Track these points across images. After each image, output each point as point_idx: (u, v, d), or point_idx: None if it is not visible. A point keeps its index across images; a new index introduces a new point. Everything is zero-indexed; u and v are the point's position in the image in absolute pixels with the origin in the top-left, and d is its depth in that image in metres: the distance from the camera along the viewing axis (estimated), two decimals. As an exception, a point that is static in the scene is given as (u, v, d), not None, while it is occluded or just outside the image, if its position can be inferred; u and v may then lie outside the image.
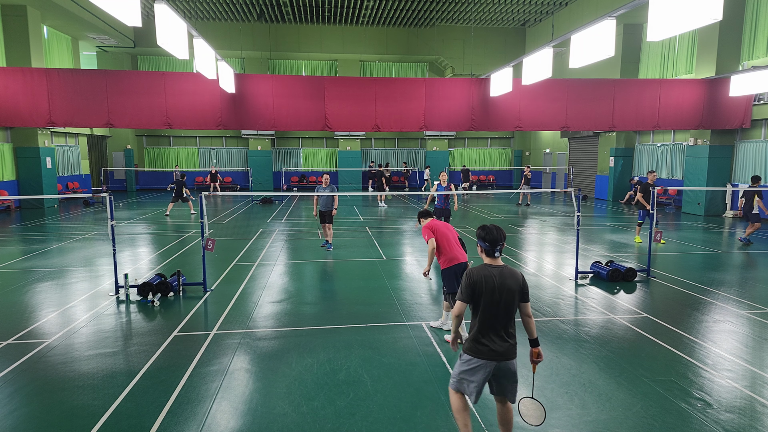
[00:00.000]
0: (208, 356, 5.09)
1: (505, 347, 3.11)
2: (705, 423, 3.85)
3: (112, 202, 7.16)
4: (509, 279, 3.12)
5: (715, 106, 15.85)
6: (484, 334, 3.13)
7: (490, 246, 3.18)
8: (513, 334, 3.16)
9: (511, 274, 3.15)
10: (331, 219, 10.58)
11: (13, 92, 14.16)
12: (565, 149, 26.39)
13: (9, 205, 17.96)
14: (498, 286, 3.09)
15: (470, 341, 3.19)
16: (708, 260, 9.82)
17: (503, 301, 3.10)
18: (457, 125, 15.99)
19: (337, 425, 3.81)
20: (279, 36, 26.16)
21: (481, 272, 3.15)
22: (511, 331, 3.15)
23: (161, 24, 8.70)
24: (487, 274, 3.13)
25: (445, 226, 5.81)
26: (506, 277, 3.13)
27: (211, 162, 29.31)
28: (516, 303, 3.14)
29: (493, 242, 3.17)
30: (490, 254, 3.20)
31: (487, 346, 3.10)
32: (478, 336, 3.15)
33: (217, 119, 15.00)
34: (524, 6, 23.16)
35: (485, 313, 3.13)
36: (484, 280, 3.11)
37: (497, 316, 3.11)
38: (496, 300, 3.09)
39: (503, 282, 3.10)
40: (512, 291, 3.11)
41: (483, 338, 3.13)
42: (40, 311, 6.54)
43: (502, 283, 3.10)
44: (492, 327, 3.12)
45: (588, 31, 9.71)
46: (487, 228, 3.23)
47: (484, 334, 3.13)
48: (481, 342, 3.13)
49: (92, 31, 21.67)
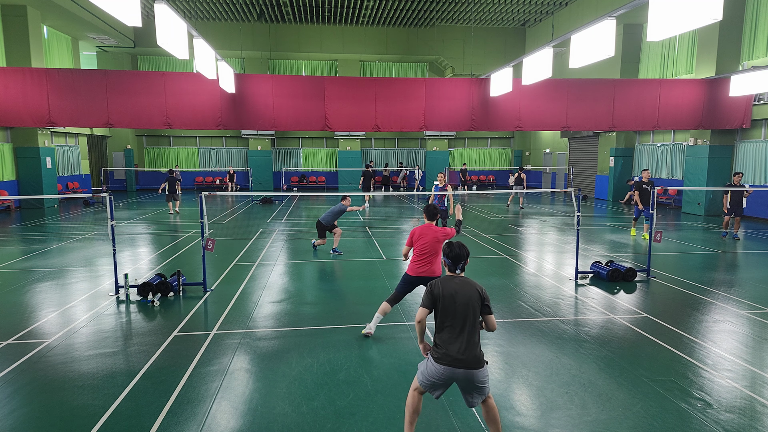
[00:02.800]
0: (208, 356, 5.09)
1: (464, 356, 3.17)
2: (705, 423, 3.85)
3: (112, 202, 7.16)
4: (468, 290, 3.28)
5: (715, 106, 15.85)
6: (443, 340, 3.25)
7: (452, 263, 3.40)
8: (475, 343, 3.22)
9: (470, 286, 3.31)
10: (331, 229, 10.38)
11: (13, 92, 14.16)
12: (565, 149, 26.40)
13: (9, 205, 17.96)
14: (457, 295, 3.25)
15: (433, 346, 3.34)
16: (708, 260, 9.82)
17: (461, 310, 3.23)
18: (457, 125, 15.99)
19: (337, 425, 3.81)
20: (279, 36, 26.17)
21: (442, 282, 3.34)
22: (473, 341, 3.22)
23: (161, 24, 8.70)
24: (447, 284, 3.31)
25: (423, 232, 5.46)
26: (465, 287, 3.29)
27: (221, 163, 29.39)
28: (476, 313, 3.26)
29: (455, 259, 3.39)
30: (452, 270, 3.41)
31: (447, 353, 3.20)
32: (438, 342, 3.29)
33: (217, 119, 15.00)
34: (524, 6, 23.17)
35: (442, 321, 3.27)
36: (443, 289, 3.29)
37: (455, 325, 3.23)
38: (454, 308, 3.24)
39: (462, 292, 3.26)
40: (471, 300, 3.24)
41: (442, 345, 3.24)
42: (40, 311, 6.54)
43: (461, 292, 3.26)
44: (450, 335, 3.23)
45: (588, 31, 9.71)
46: (452, 245, 3.45)
47: (443, 340, 3.25)
48: (441, 348, 3.24)
49: (92, 31, 21.67)
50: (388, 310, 5.57)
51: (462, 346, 3.18)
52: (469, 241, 11.66)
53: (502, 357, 5.11)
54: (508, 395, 4.30)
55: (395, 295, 5.57)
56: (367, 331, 5.59)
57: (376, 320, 5.60)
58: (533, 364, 4.91)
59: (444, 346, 3.22)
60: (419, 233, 5.48)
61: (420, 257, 5.44)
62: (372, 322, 5.62)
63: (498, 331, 5.83)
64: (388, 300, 5.57)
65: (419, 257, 5.44)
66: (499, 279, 8.25)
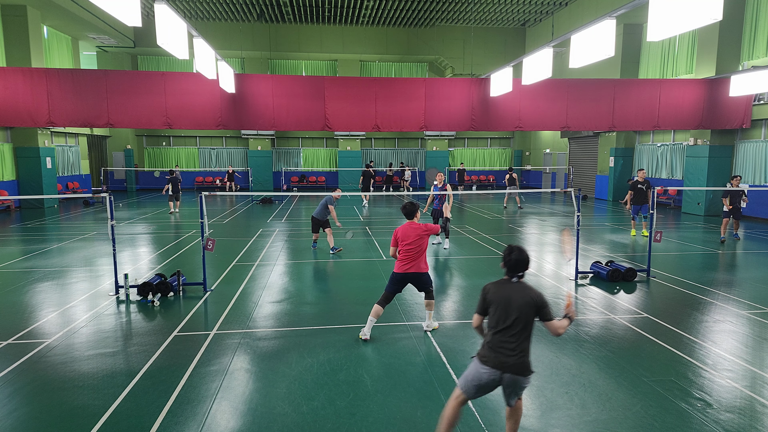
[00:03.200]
0: (208, 356, 5.09)
1: (511, 361, 3.11)
2: (705, 423, 3.85)
3: (112, 202, 7.16)
4: (522, 296, 3.16)
5: (715, 106, 15.84)
6: (492, 344, 3.19)
7: (510, 269, 3.25)
8: (523, 350, 3.15)
9: (525, 292, 3.19)
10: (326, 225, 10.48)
11: (13, 92, 14.16)
12: (565, 149, 26.39)
13: (9, 205, 17.96)
14: (510, 300, 3.15)
15: (481, 348, 3.26)
16: (708, 260, 9.82)
17: (513, 317, 3.13)
18: (457, 125, 15.99)
19: (337, 425, 3.81)
20: (279, 36, 26.17)
21: (496, 286, 3.26)
22: (523, 347, 3.15)
23: (161, 24, 8.70)
24: (500, 289, 3.22)
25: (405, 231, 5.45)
26: (519, 293, 3.17)
27: (221, 162, 29.36)
28: (529, 320, 3.15)
29: (513, 266, 3.23)
30: (509, 275, 3.27)
31: (495, 356, 3.15)
32: (486, 344, 3.22)
33: (217, 119, 15.00)
34: (524, 6, 23.16)
35: (494, 325, 3.19)
36: (496, 294, 3.21)
37: (504, 329, 3.15)
38: (506, 315, 3.15)
39: (516, 298, 3.15)
40: (524, 307, 3.13)
41: (491, 348, 3.18)
42: (40, 311, 6.54)
43: (515, 298, 3.15)
44: (498, 339, 3.16)
45: (588, 31, 9.71)
46: (512, 250, 3.25)
47: (492, 344, 3.19)
48: (488, 351, 3.19)
49: (92, 31, 21.67)
50: (380, 312, 5.55)
51: (511, 352, 3.11)
52: (470, 241, 11.66)
53: (502, 357, 5.10)
54: (508, 395, 4.30)
55: (385, 296, 5.54)
56: (364, 336, 5.53)
57: (371, 324, 5.55)
58: (533, 364, 4.89)
59: (492, 350, 3.16)
60: (402, 232, 5.48)
61: (406, 255, 5.44)
62: (366, 326, 5.57)
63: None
64: (379, 302, 5.53)
65: (405, 255, 5.45)
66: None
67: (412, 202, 5.65)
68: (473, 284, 7.95)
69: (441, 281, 8.29)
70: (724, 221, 11.55)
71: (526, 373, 3.17)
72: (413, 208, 5.60)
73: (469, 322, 6.17)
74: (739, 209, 11.55)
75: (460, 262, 9.46)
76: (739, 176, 11.37)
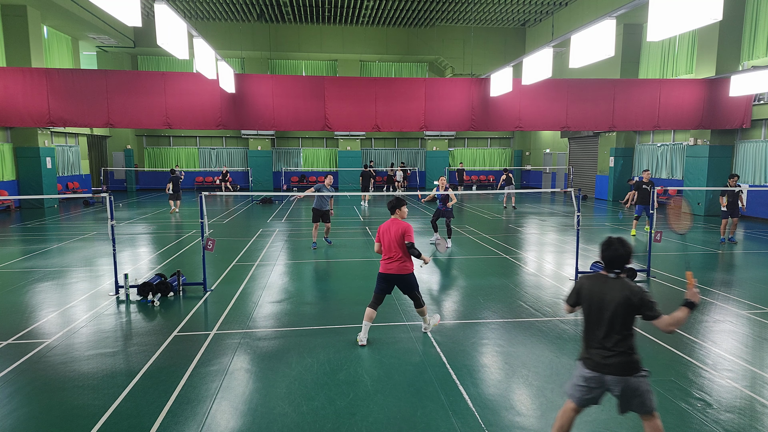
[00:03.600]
0: (208, 356, 5.09)
1: (609, 361, 2.92)
2: (705, 423, 3.85)
3: (112, 202, 7.16)
4: (618, 294, 2.92)
5: (715, 106, 15.84)
6: (587, 344, 3.06)
7: (607, 264, 3.02)
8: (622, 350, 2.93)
9: (621, 289, 2.93)
10: (327, 218, 10.80)
11: (13, 92, 14.16)
12: (565, 149, 26.39)
13: (9, 205, 17.96)
14: (604, 297, 2.95)
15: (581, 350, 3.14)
16: (708, 260, 9.82)
17: (608, 315, 2.93)
18: (457, 125, 15.99)
19: (337, 425, 3.81)
20: (279, 36, 26.16)
21: (591, 281, 3.06)
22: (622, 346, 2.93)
23: (161, 24, 8.70)
24: (595, 285, 3.02)
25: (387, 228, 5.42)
26: (615, 290, 2.93)
27: (221, 163, 29.31)
28: (625, 319, 2.92)
29: (610, 261, 2.99)
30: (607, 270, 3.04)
31: (590, 357, 2.99)
32: (584, 345, 3.09)
33: (217, 119, 15.00)
34: (524, 6, 23.16)
35: (587, 322, 3.06)
36: (590, 290, 3.03)
37: (599, 328, 2.97)
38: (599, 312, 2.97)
39: (612, 295, 2.93)
40: (619, 306, 2.91)
41: (587, 348, 3.05)
42: (40, 311, 6.54)
43: (609, 295, 2.94)
44: (594, 338, 3.01)
45: (588, 31, 9.71)
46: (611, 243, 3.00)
47: (587, 344, 3.06)
48: (586, 351, 3.05)
49: (92, 31, 21.67)
50: (373, 316, 5.43)
51: (608, 352, 2.92)
52: (470, 241, 11.67)
53: (502, 357, 5.11)
54: (508, 395, 4.30)
55: (375, 297, 5.45)
56: (360, 341, 5.36)
57: (366, 328, 5.40)
58: (533, 364, 4.91)
59: (589, 350, 3.01)
60: (384, 229, 5.43)
61: (387, 253, 5.36)
62: (362, 331, 5.41)
63: (498, 331, 5.83)
64: (370, 305, 5.43)
65: (386, 254, 5.38)
66: (499, 279, 8.25)
67: (397, 198, 5.56)
68: (473, 284, 7.95)
69: (441, 281, 8.29)
70: (723, 222, 11.48)
71: (632, 372, 2.90)
72: (397, 204, 5.50)
73: (469, 322, 6.18)
74: (737, 207, 11.44)
75: (460, 262, 9.46)
76: (736, 175, 11.30)
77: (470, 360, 5.02)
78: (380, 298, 5.48)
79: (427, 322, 5.70)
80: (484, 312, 6.57)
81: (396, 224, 5.39)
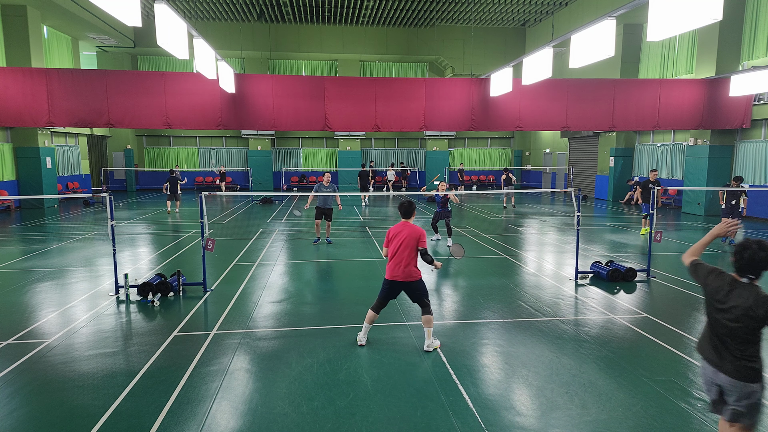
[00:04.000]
0: (208, 356, 5.09)
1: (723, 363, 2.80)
2: (705, 423, 3.85)
3: (112, 202, 7.16)
4: (743, 301, 2.71)
5: (715, 106, 15.85)
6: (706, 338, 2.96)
7: (740, 269, 2.78)
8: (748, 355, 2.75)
9: (748, 297, 2.71)
10: (330, 216, 11.02)
11: (13, 92, 14.16)
12: (565, 149, 26.39)
13: (9, 205, 17.96)
14: (726, 302, 2.78)
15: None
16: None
17: (727, 320, 2.76)
18: (457, 125, 16.00)
19: (337, 425, 3.81)
20: (279, 36, 26.17)
21: (720, 279, 2.87)
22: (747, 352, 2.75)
23: (161, 24, 8.70)
24: (721, 285, 2.84)
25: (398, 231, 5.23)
26: (742, 298, 2.72)
27: (220, 163, 29.28)
28: (750, 330, 2.72)
29: (745, 266, 2.74)
30: (740, 274, 2.80)
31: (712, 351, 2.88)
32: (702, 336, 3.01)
33: (217, 119, 15.00)
34: (524, 6, 23.16)
35: (708, 319, 2.93)
36: (714, 287, 2.87)
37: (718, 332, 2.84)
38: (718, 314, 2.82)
39: (734, 300, 2.74)
40: (743, 315, 2.70)
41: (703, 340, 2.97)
42: (40, 311, 6.54)
43: (732, 300, 2.75)
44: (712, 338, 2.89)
45: (588, 31, 9.71)
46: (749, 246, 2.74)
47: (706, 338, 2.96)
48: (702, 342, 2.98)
49: (92, 31, 21.67)
50: (374, 318, 5.35)
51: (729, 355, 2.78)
52: (469, 241, 11.66)
53: (502, 357, 5.11)
54: (508, 395, 4.30)
55: (378, 301, 5.33)
56: (360, 342, 5.35)
57: (366, 329, 5.37)
58: (533, 364, 4.91)
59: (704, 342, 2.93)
60: (395, 232, 5.24)
61: (394, 258, 5.17)
62: (362, 331, 5.39)
63: (498, 331, 5.83)
64: (373, 307, 5.34)
65: (393, 259, 5.19)
66: (499, 279, 8.25)
67: (410, 201, 5.35)
68: (473, 284, 7.95)
69: (441, 281, 8.29)
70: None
71: (742, 378, 2.74)
72: (410, 208, 5.29)
73: (469, 322, 6.18)
74: (737, 209, 11.39)
75: (460, 262, 9.46)
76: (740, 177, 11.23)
77: (470, 360, 5.02)
78: (383, 303, 5.34)
79: (431, 338, 5.24)
80: (484, 312, 6.57)
81: (408, 228, 5.19)
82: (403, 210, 5.32)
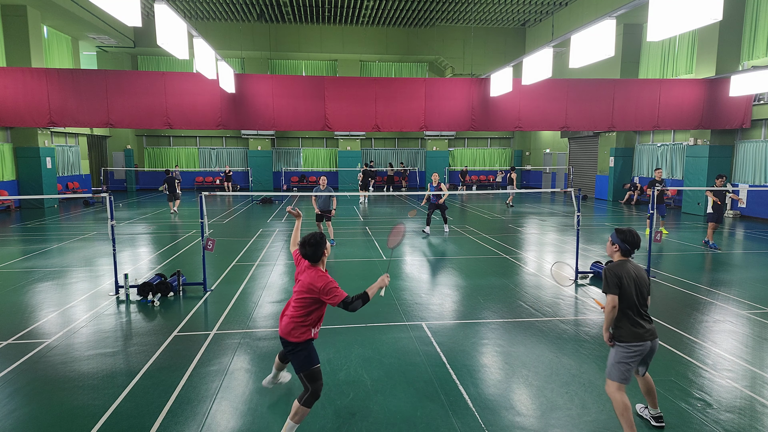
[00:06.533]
0: (208, 356, 5.09)
1: (652, 327, 3.55)
2: (705, 423, 3.85)
3: (112, 202, 7.16)
4: (641, 272, 3.61)
5: (715, 106, 15.85)
6: (635, 320, 3.53)
7: (630, 248, 3.63)
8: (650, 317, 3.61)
9: (640, 269, 3.64)
10: (329, 218, 11.20)
11: (13, 92, 14.16)
12: (565, 149, 26.39)
13: (9, 205, 17.96)
14: (635, 277, 3.56)
15: (626, 329, 3.54)
16: (708, 260, 9.82)
17: (640, 291, 3.55)
18: (457, 125, 16.00)
19: (337, 425, 3.81)
20: (279, 36, 26.17)
21: (622, 267, 3.58)
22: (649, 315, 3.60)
23: (161, 24, 8.70)
24: (626, 269, 3.58)
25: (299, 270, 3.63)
26: (639, 270, 3.61)
27: (225, 163, 29.26)
28: (647, 291, 3.61)
29: (632, 244, 3.62)
30: (627, 255, 3.65)
31: (643, 327, 3.52)
32: (631, 324, 3.53)
33: (217, 119, 15.01)
34: (524, 6, 23.16)
35: (630, 301, 3.52)
36: (625, 274, 3.54)
37: (639, 304, 3.54)
38: (635, 290, 3.53)
39: (638, 274, 3.58)
40: (645, 281, 3.60)
41: (637, 324, 3.52)
42: (40, 311, 6.54)
43: (637, 275, 3.58)
44: (638, 313, 3.54)
45: (588, 31, 9.71)
46: (628, 233, 3.65)
47: (635, 320, 3.53)
48: (638, 326, 3.52)
49: (92, 31, 21.67)
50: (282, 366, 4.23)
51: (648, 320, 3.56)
52: (469, 241, 11.67)
53: (502, 357, 5.11)
54: (508, 395, 4.30)
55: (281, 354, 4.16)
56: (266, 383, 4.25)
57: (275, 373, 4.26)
58: (533, 364, 4.91)
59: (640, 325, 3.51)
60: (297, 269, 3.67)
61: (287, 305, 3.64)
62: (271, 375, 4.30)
63: (498, 331, 5.83)
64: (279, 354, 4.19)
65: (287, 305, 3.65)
66: (499, 279, 8.25)
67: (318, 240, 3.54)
68: (473, 284, 7.95)
69: (441, 281, 8.29)
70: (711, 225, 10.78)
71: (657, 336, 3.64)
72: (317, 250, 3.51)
73: (469, 322, 6.18)
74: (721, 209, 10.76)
75: (459, 262, 9.46)
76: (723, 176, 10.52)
77: (470, 360, 5.02)
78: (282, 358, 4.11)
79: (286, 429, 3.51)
80: (484, 312, 6.57)
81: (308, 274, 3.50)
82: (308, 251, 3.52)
